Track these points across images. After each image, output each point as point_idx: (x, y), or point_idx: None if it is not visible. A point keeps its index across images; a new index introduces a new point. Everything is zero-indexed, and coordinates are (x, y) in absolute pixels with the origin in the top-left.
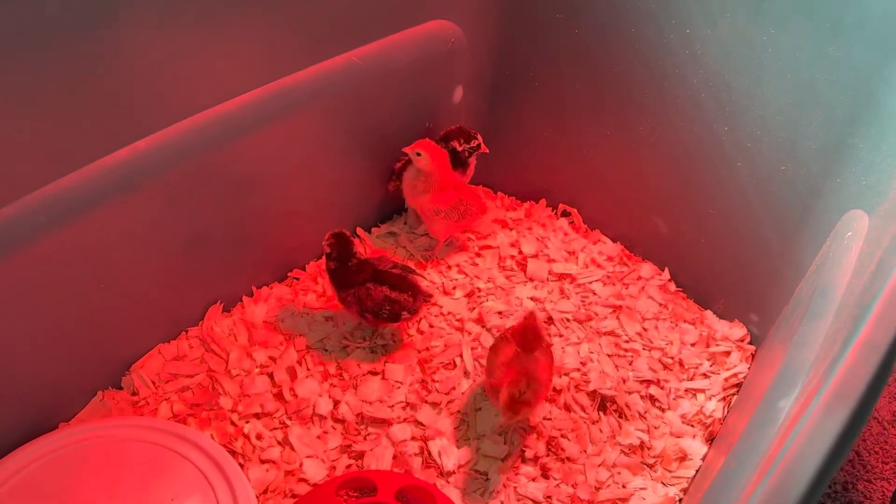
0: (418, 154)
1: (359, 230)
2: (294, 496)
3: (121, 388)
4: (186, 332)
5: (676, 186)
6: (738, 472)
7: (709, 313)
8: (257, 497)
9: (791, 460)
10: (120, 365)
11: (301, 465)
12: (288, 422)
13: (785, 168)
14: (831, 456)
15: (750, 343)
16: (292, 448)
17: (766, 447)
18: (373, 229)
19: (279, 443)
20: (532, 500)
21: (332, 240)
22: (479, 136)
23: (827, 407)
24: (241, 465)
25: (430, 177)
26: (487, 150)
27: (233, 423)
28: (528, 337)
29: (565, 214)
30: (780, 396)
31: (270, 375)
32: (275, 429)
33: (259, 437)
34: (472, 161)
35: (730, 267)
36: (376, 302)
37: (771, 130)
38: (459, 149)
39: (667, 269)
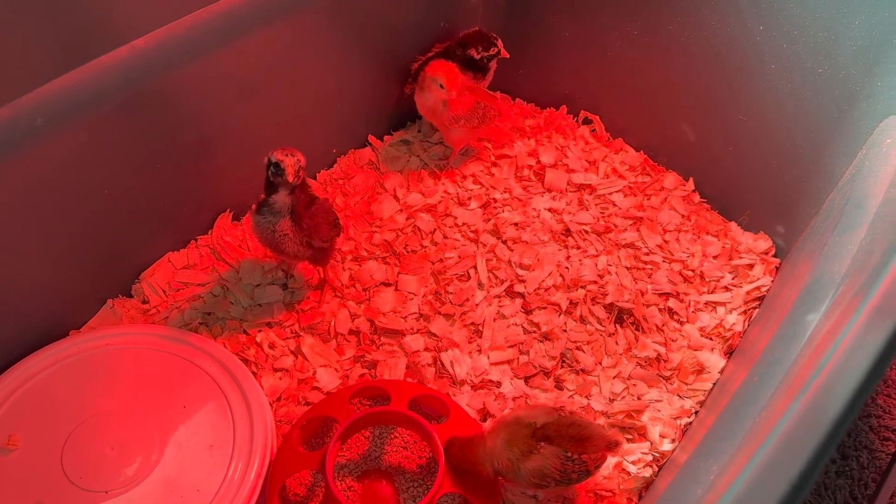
0: (441, 86)
1: (371, 138)
2: (308, 404)
3: (131, 297)
4: (196, 240)
5: (705, 91)
6: (761, 387)
7: (733, 225)
8: (271, 404)
9: (830, 373)
10: (130, 273)
11: (314, 373)
12: (300, 331)
13: (822, 71)
14: (872, 370)
15: (774, 256)
16: (305, 357)
17: (792, 361)
18: (385, 137)
19: (292, 352)
20: None
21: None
22: (499, 42)
23: (868, 321)
24: (255, 374)
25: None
26: (508, 55)
27: (245, 331)
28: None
29: (587, 122)
30: (808, 310)
31: (283, 286)
32: (287, 338)
33: (272, 345)
34: (493, 66)
35: (757, 177)
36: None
37: (809, 30)
38: (477, 57)
39: (692, 180)
